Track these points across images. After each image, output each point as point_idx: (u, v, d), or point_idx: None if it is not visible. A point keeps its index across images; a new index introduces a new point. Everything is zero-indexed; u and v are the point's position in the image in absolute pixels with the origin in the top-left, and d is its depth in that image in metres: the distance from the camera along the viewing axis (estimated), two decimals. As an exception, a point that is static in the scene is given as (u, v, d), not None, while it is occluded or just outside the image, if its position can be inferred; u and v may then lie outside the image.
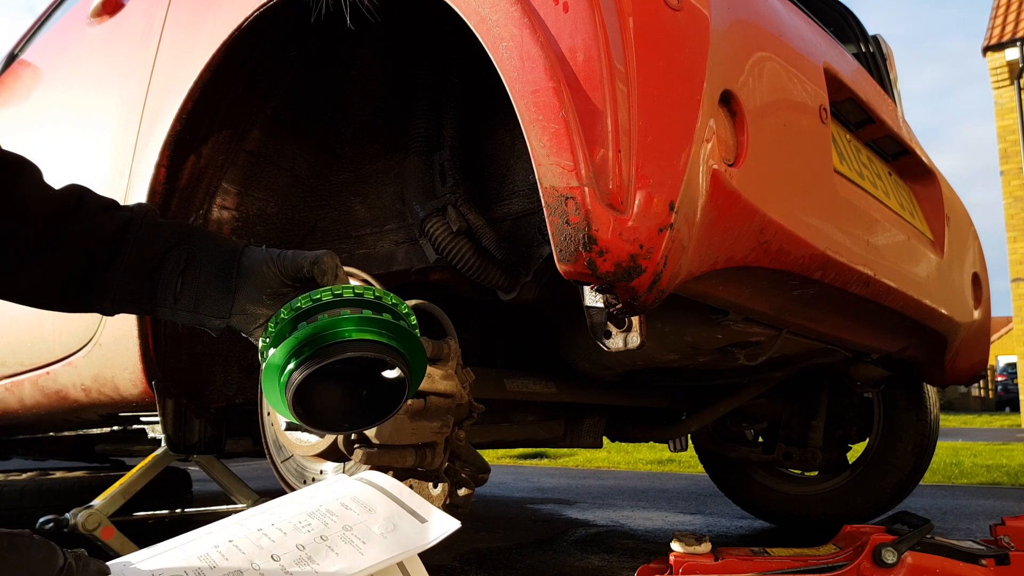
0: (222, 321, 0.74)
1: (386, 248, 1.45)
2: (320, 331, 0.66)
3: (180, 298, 0.74)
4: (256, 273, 0.74)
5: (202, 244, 0.76)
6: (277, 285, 0.73)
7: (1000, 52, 11.21)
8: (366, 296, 0.69)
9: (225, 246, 0.76)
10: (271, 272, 0.73)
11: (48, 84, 2.03)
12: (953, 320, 1.76)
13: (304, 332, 0.66)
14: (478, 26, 0.98)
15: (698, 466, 3.49)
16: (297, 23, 1.32)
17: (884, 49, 2.16)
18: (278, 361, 0.67)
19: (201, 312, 0.74)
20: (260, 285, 0.73)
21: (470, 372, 1.17)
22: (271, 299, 0.74)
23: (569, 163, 0.89)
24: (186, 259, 0.75)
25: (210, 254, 0.75)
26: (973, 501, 3.22)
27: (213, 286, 0.74)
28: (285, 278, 0.73)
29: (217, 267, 0.74)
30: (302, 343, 0.66)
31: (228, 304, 0.74)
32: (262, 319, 0.73)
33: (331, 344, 0.65)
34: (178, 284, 0.74)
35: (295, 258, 0.74)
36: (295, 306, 0.67)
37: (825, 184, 1.28)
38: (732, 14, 1.11)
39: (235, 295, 0.74)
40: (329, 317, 0.66)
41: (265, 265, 0.74)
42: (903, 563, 1.26)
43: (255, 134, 1.46)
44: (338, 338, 0.66)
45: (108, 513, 1.45)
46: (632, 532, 2.48)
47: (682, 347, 1.48)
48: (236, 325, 0.75)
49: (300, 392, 0.66)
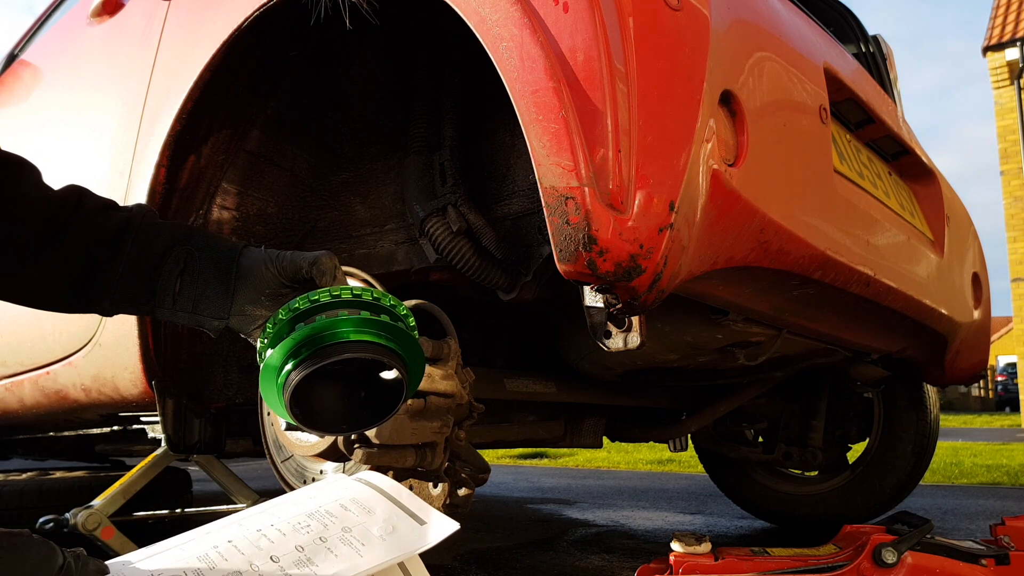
0: (220, 322, 0.74)
1: (386, 248, 1.45)
2: (318, 332, 0.66)
3: (179, 299, 0.74)
4: (255, 274, 0.74)
5: (201, 244, 0.76)
6: (276, 286, 0.73)
7: (1000, 52, 11.21)
8: (364, 297, 0.69)
9: (224, 247, 0.76)
10: (270, 273, 0.73)
11: (48, 84, 2.03)
12: (953, 320, 1.76)
13: (301, 333, 0.66)
14: (478, 26, 0.98)
15: (698, 466, 3.49)
16: (297, 23, 1.32)
17: (884, 49, 2.16)
18: (276, 362, 0.67)
19: (200, 313, 0.74)
20: (259, 286, 0.73)
21: (470, 372, 1.17)
22: (270, 300, 0.73)
23: (569, 163, 0.89)
24: (185, 259, 0.75)
25: (209, 255, 0.75)
26: (973, 501, 3.22)
27: (212, 287, 0.74)
28: (284, 279, 0.74)
29: (216, 268, 0.74)
30: (300, 344, 0.66)
31: (227, 305, 0.74)
32: (260, 320, 0.73)
33: (329, 345, 0.65)
34: (177, 284, 0.74)
35: (294, 259, 0.74)
36: (293, 307, 0.67)
37: (825, 184, 1.28)
38: (732, 14, 1.11)
39: (234, 296, 0.74)
40: (327, 318, 0.66)
41: (264, 266, 0.74)
42: (903, 563, 1.26)
43: (255, 134, 1.46)
44: (336, 339, 0.66)
45: (108, 513, 1.45)
46: (632, 532, 2.48)
47: (682, 347, 1.48)
48: (235, 326, 0.75)
49: (298, 393, 0.66)
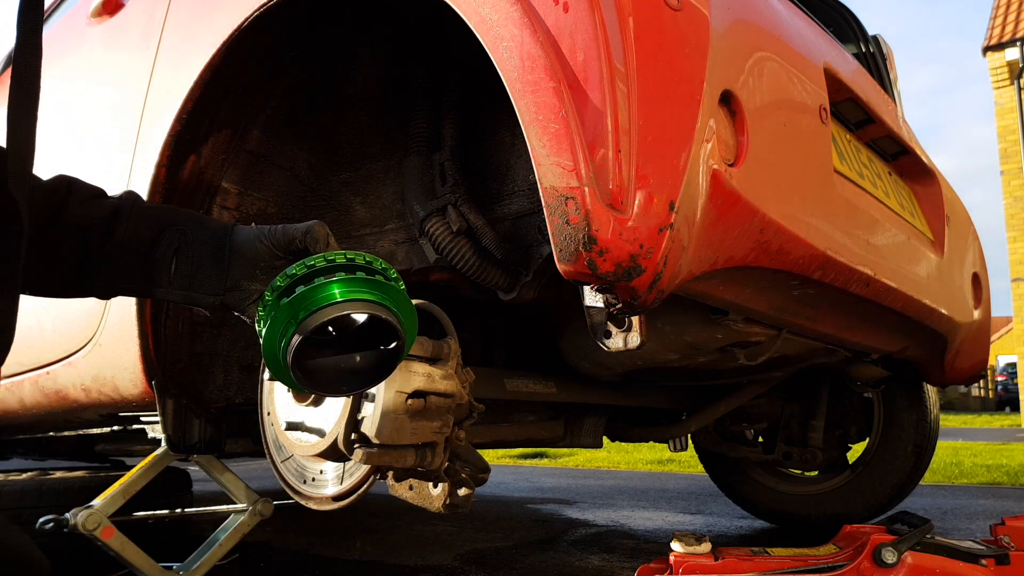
0: (216, 298, 0.75)
1: (386, 248, 1.45)
2: (315, 293, 0.67)
3: (175, 277, 0.75)
4: (249, 248, 0.75)
5: (193, 224, 0.77)
6: (270, 258, 0.75)
7: (1000, 52, 11.21)
8: (357, 261, 0.70)
9: (215, 225, 0.78)
10: (263, 246, 0.75)
11: (47, 84, 2.03)
12: (953, 320, 1.76)
13: (300, 294, 0.67)
14: (478, 26, 0.98)
15: (698, 466, 3.49)
16: (297, 23, 1.32)
17: (884, 49, 2.16)
18: (277, 327, 0.68)
19: (195, 290, 0.75)
20: (253, 259, 0.75)
21: (470, 372, 1.17)
22: (264, 274, 0.75)
23: (569, 163, 0.89)
24: (179, 239, 0.76)
25: (202, 233, 0.76)
26: (973, 501, 3.22)
27: (207, 264, 0.75)
28: (277, 250, 0.75)
29: (210, 245, 0.75)
30: (298, 306, 0.67)
31: (222, 280, 0.75)
32: (255, 295, 0.75)
33: (327, 305, 0.67)
34: (172, 263, 0.75)
35: (286, 231, 0.75)
36: (290, 273, 0.69)
37: (825, 184, 1.28)
38: (732, 14, 1.11)
39: (229, 270, 0.75)
40: (324, 279, 0.68)
41: (257, 240, 0.75)
42: (903, 563, 1.26)
43: (255, 134, 1.46)
44: (332, 299, 0.67)
45: (108, 513, 1.45)
46: (632, 532, 2.48)
47: (682, 347, 1.48)
48: (230, 302, 0.75)
49: (299, 355, 0.67)
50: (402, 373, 1.03)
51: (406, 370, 1.05)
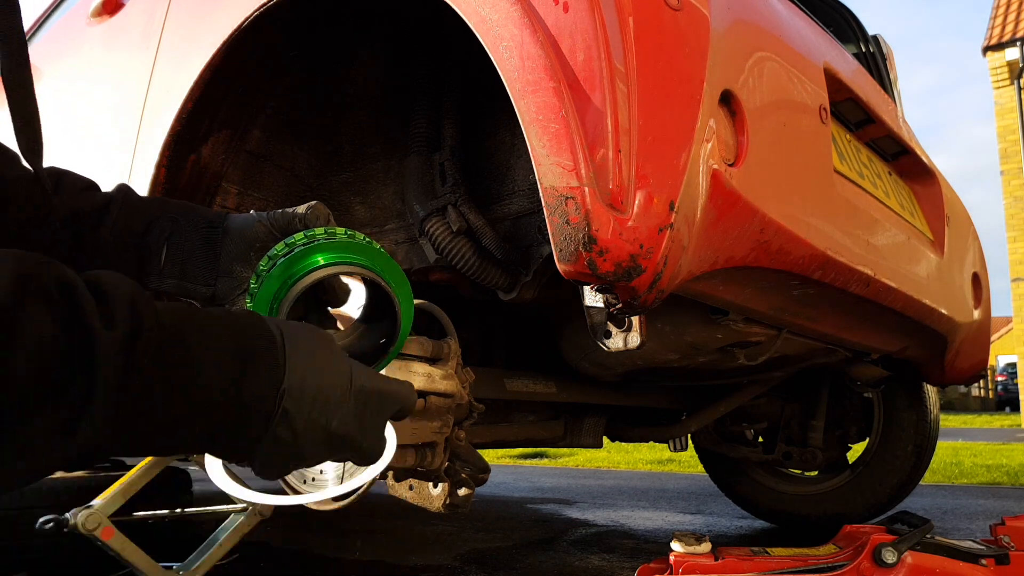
0: (208, 288, 0.74)
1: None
2: (298, 261, 0.66)
3: (166, 265, 0.74)
4: (243, 231, 0.74)
5: (186, 212, 0.76)
6: (267, 239, 0.73)
7: (1000, 52, 11.21)
8: (338, 235, 0.69)
9: (209, 214, 0.77)
10: (261, 227, 0.73)
11: (47, 84, 2.03)
12: (953, 320, 1.76)
13: (283, 263, 0.66)
14: (478, 26, 0.98)
15: (698, 466, 3.49)
16: (297, 23, 1.32)
17: (884, 49, 2.16)
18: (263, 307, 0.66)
19: (187, 279, 0.74)
20: (248, 240, 0.73)
21: (470, 372, 1.17)
22: (258, 256, 0.73)
23: (569, 163, 0.89)
24: (171, 228, 0.75)
25: (195, 221, 0.75)
26: (973, 501, 3.22)
27: (199, 251, 0.74)
28: (275, 231, 0.73)
29: (202, 232, 0.74)
30: (282, 276, 0.66)
31: (214, 267, 0.73)
32: (245, 284, 0.73)
33: (312, 270, 0.66)
34: (164, 251, 0.74)
35: (285, 212, 0.74)
36: (272, 254, 0.68)
37: (825, 184, 1.28)
38: (732, 14, 1.11)
39: (220, 254, 0.73)
40: (307, 247, 0.67)
41: (256, 221, 0.74)
42: (903, 563, 1.26)
43: (255, 134, 1.46)
44: (316, 265, 0.66)
45: (108, 513, 1.45)
46: (632, 532, 2.48)
47: (682, 347, 1.48)
48: (221, 291, 0.74)
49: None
50: (402, 373, 1.03)
51: (406, 370, 1.05)
